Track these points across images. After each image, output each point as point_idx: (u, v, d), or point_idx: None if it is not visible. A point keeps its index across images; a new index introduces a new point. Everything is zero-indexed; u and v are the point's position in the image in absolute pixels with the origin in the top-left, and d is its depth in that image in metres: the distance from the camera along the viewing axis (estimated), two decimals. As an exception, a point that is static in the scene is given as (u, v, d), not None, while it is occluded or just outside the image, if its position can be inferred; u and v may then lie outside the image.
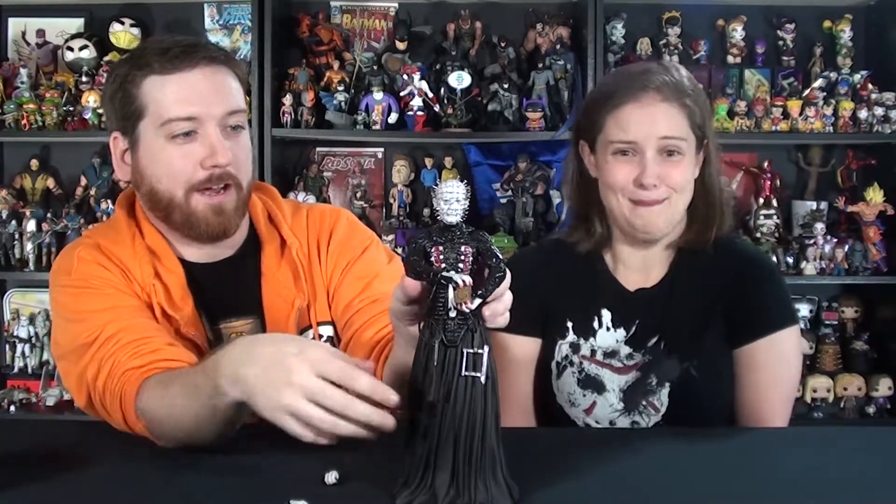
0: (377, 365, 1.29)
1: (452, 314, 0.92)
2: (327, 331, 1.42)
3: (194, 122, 1.28)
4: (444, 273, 0.92)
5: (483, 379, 0.92)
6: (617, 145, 1.46)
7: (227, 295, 1.38)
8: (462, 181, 0.93)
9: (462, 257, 0.92)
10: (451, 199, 0.91)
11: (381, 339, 1.32)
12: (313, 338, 1.40)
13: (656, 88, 1.45)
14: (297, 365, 0.96)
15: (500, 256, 0.93)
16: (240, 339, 1.10)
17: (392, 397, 0.94)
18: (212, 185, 1.30)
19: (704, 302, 1.50)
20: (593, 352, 1.52)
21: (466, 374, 0.92)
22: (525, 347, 1.56)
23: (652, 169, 1.43)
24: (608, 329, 1.52)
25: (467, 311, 0.91)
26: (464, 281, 0.91)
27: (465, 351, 0.92)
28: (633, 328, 1.51)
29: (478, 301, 0.91)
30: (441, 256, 0.92)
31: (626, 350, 1.51)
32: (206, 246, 1.37)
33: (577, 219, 1.59)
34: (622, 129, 1.45)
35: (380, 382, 0.95)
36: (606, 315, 1.53)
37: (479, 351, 0.92)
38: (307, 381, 0.95)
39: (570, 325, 1.54)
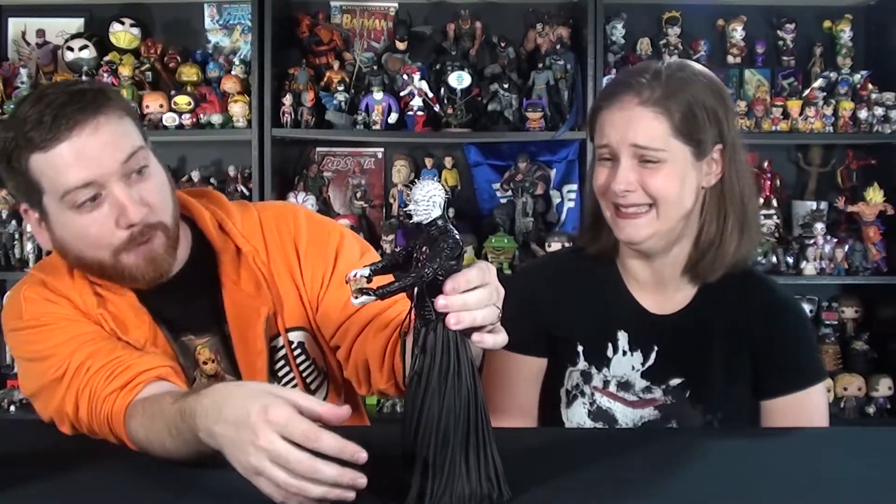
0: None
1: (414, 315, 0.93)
2: (297, 336, 1.38)
3: (94, 186, 1.20)
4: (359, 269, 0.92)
5: (433, 383, 0.91)
6: (598, 150, 1.41)
7: (182, 312, 1.33)
8: (438, 181, 0.93)
9: (418, 255, 0.93)
10: (413, 198, 0.91)
11: (398, 316, 1.27)
12: (283, 346, 1.36)
13: (636, 91, 1.35)
14: (261, 427, 0.91)
15: (433, 265, 0.90)
16: (214, 387, 1.03)
17: (361, 455, 0.89)
18: (139, 240, 1.24)
19: (734, 350, 1.44)
20: (606, 383, 1.46)
21: (413, 374, 0.92)
22: (531, 365, 1.50)
23: (623, 174, 1.35)
24: (624, 353, 1.45)
25: (358, 304, 0.90)
26: (355, 275, 0.91)
27: (416, 353, 0.92)
28: (653, 356, 1.44)
29: (364, 298, 0.90)
30: (414, 255, 0.93)
31: (642, 383, 1.44)
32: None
33: (588, 219, 1.51)
34: (600, 132, 1.39)
35: (347, 442, 0.90)
36: (623, 337, 1.45)
37: (419, 354, 0.92)
38: (271, 444, 0.90)
39: (580, 349, 1.47)
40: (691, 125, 1.35)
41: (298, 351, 1.38)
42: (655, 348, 1.44)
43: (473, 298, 0.91)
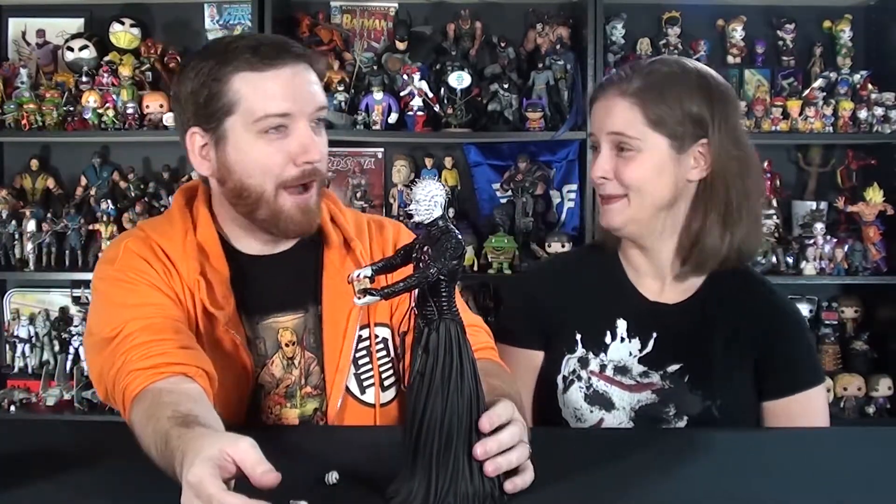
0: None
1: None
2: (383, 332, 1.44)
3: (287, 119, 1.30)
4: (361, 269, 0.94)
5: (436, 383, 0.92)
6: (590, 138, 1.49)
7: (279, 288, 1.39)
8: (439, 181, 0.93)
9: (419, 255, 0.94)
10: (414, 198, 0.92)
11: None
12: (367, 337, 1.41)
13: (616, 83, 1.44)
14: (185, 486, 0.90)
15: (437, 265, 0.90)
16: (197, 434, 0.99)
17: None
18: (303, 180, 1.32)
19: (734, 344, 1.46)
20: (602, 367, 1.48)
21: (416, 374, 0.93)
22: (528, 358, 1.53)
23: (599, 163, 1.43)
24: (622, 340, 1.48)
25: (361, 304, 0.91)
26: (358, 276, 0.92)
27: (418, 353, 0.92)
28: (651, 343, 1.47)
29: (368, 298, 0.91)
30: (414, 255, 0.94)
31: (639, 368, 1.47)
32: (269, 238, 1.39)
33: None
34: (590, 122, 1.48)
35: (249, 501, 0.86)
36: (622, 325, 1.48)
37: (421, 353, 0.92)
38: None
39: (578, 337, 1.50)
40: (665, 117, 1.40)
41: (381, 346, 1.43)
42: (654, 335, 1.47)
43: (507, 436, 0.96)
